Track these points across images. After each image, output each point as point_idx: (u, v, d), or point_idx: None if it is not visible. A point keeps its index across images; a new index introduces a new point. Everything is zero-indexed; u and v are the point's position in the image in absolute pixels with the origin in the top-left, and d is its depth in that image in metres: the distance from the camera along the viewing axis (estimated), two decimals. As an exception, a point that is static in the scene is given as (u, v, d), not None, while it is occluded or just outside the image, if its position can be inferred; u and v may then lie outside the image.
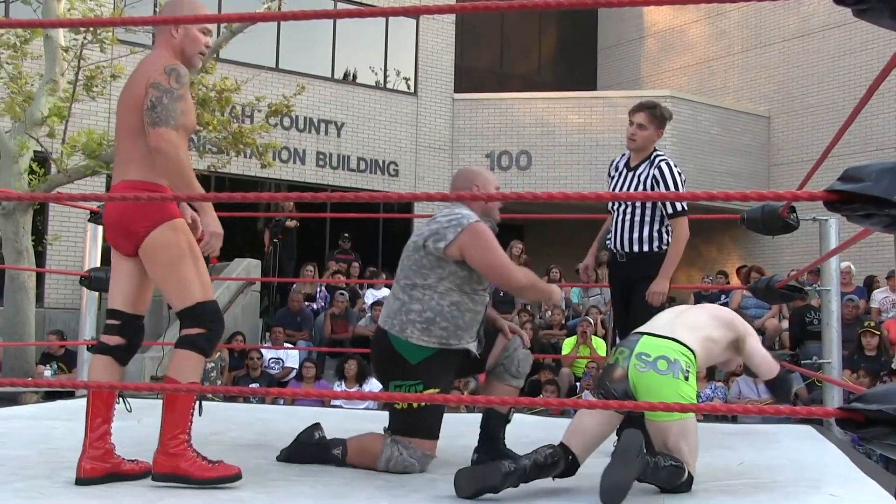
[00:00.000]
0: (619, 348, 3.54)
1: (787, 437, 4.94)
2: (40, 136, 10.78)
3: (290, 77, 16.38)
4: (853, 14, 2.25)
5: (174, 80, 3.38)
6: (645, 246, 4.74)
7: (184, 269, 3.40)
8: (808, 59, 18.96)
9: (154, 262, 3.42)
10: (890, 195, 2.24)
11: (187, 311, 3.40)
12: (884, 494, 3.39)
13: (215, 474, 3.31)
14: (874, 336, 9.48)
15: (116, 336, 3.55)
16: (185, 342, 3.38)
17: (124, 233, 3.43)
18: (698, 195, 2.67)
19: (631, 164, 4.88)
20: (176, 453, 3.30)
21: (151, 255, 3.40)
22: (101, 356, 3.58)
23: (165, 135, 3.30)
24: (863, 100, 3.39)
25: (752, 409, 2.86)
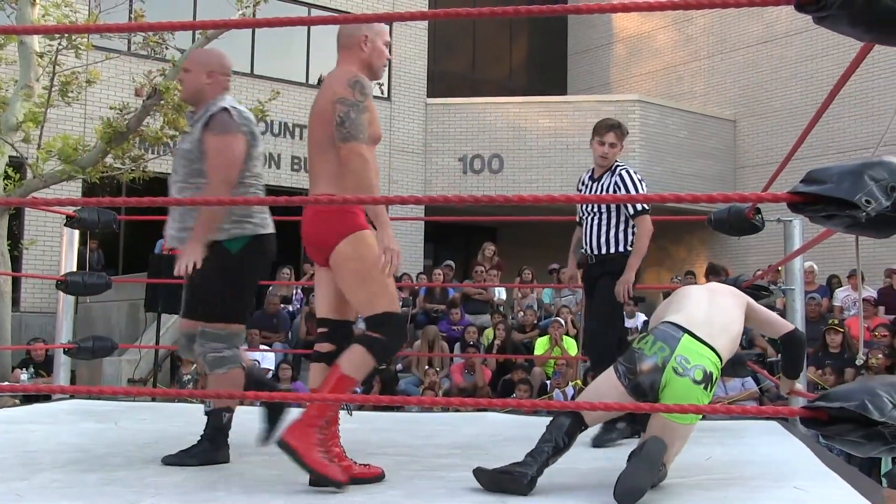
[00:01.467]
0: (657, 342, 3.43)
1: (754, 432, 4.97)
2: (15, 141, 10.68)
3: (265, 82, 16.33)
4: (814, 21, 2.27)
5: (358, 92, 3.44)
6: (612, 248, 4.93)
7: (371, 280, 3.43)
8: (772, 64, 19.11)
9: (343, 272, 3.47)
10: (851, 197, 2.27)
11: (374, 318, 3.44)
12: (845, 486, 3.42)
13: (323, 470, 3.27)
14: (838, 334, 9.56)
15: (327, 343, 3.61)
16: (364, 340, 3.42)
17: (316, 244, 3.52)
18: (666, 197, 2.70)
19: (595, 176, 5.13)
20: (305, 427, 3.31)
21: (341, 265, 3.46)
22: (317, 363, 3.64)
23: (356, 149, 3.39)
24: (825, 104, 3.43)
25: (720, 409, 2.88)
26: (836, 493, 3.36)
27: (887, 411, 2.25)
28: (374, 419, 5.84)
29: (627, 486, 3.11)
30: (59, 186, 12.08)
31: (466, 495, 3.25)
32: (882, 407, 2.25)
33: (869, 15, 2.16)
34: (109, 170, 11.61)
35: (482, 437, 4.76)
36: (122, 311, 13.10)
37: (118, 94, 13.83)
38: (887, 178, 2.28)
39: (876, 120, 16.67)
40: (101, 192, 13.85)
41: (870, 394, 2.27)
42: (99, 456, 3.96)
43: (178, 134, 11.59)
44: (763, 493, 3.31)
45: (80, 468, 3.65)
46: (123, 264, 15.54)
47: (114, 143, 11.10)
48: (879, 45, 2.37)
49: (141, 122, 11.35)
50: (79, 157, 10.92)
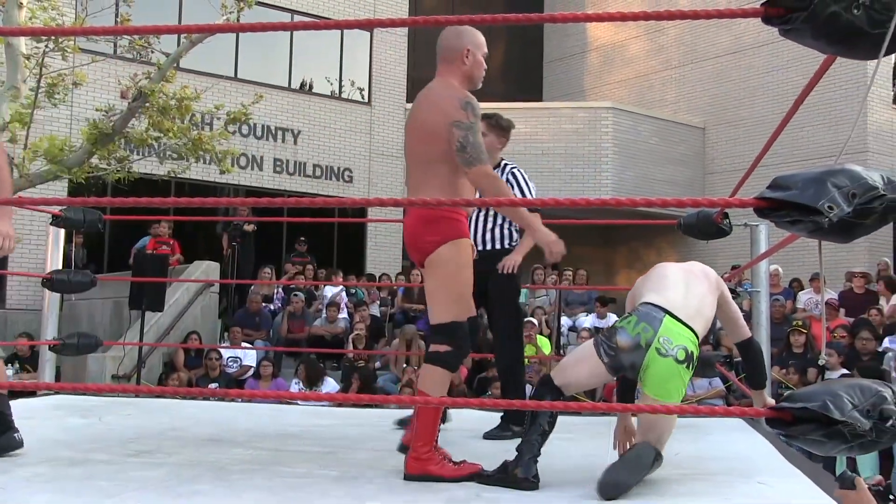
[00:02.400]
0: (641, 322, 3.43)
1: (720, 429, 5.01)
2: (2, 141, 10.60)
3: (249, 86, 16.28)
4: (780, 33, 2.29)
5: (472, 113, 3.48)
6: (497, 244, 4.94)
7: (454, 287, 3.51)
8: (740, 74, 19.23)
9: (434, 274, 3.52)
10: (814, 203, 2.29)
11: (442, 327, 3.49)
12: (807, 482, 3.46)
13: (460, 473, 3.41)
14: (801, 335, 9.63)
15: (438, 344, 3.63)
16: (434, 358, 3.48)
17: (416, 246, 3.56)
18: (637, 202, 2.71)
19: None
20: (426, 458, 3.40)
21: (434, 267, 3.50)
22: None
23: (483, 171, 3.43)
24: (790, 113, 3.45)
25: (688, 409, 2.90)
26: (798, 488, 3.39)
27: (847, 411, 2.27)
28: (353, 415, 5.84)
29: (610, 479, 3.14)
30: (45, 186, 12.01)
31: (441, 487, 3.26)
32: (842, 407, 2.27)
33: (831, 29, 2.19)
34: (95, 170, 11.55)
35: (457, 432, 4.76)
36: (107, 308, 13.03)
37: (104, 96, 13.74)
38: (849, 185, 2.30)
39: (838, 129, 16.81)
40: (86, 192, 13.77)
41: (831, 395, 2.30)
42: (83, 450, 3.94)
43: (163, 135, 11.55)
44: (728, 488, 3.33)
45: (64, 462, 3.63)
46: (108, 263, 15.45)
47: (99, 144, 11.06)
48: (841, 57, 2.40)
49: (126, 124, 11.31)
50: (65, 157, 10.87)
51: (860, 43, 2.23)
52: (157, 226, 13.02)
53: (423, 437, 3.43)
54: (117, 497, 2.99)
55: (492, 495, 3.17)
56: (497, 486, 3.32)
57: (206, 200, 3.53)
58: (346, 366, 10.83)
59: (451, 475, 3.40)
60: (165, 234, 13.12)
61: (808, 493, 3.29)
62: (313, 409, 6.82)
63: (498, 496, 3.15)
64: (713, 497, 3.19)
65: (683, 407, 2.94)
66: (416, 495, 3.14)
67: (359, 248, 18.19)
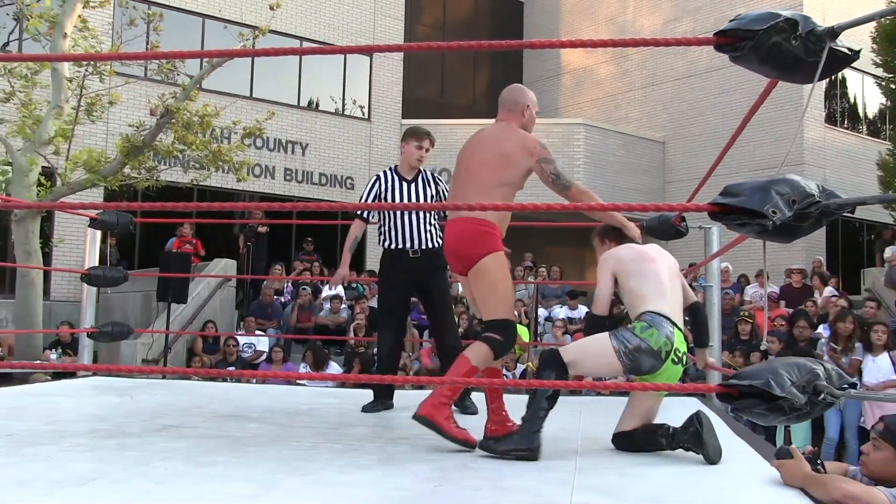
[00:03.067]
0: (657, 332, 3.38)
1: (676, 407, 5.01)
2: (47, 153, 10.59)
3: (262, 104, 16.24)
4: (730, 60, 2.31)
5: (549, 151, 3.71)
6: (435, 242, 4.90)
7: (502, 291, 3.62)
8: (695, 95, 19.28)
9: (481, 281, 3.62)
10: (760, 208, 2.31)
11: (498, 322, 3.59)
12: (750, 451, 3.48)
13: (458, 436, 3.44)
14: (747, 324, 9.66)
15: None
16: (487, 339, 3.55)
17: (459, 257, 3.67)
18: (606, 206, 2.73)
19: (406, 178, 5.00)
20: (439, 408, 3.45)
21: (483, 275, 3.61)
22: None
23: (577, 189, 3.65)
24: (738, 129, 3.47)
25: (649, 387, 2.92)
26: (745, 457, 3.41)
27: (786, 387, 2.29)
28: (356, 395, 5.84)
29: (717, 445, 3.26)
30: (84, 193, 11.95)
31: (432, 457, 3.27)
32: (782, 384, 2.29)
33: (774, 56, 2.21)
34: (127, 179, 11.53)
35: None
36: (137, 300, 12.99)
37: (135, 113, 13.70)
38: (790, 193, 2.31)
39: (779, 144, 16.88)
40: (120, 198, 13.72)
41: (773, 373, 2.32)
42: (117, 425, 3.94)
43: (187, 148, 11.53)
44: (683, 459, 3.35)
45: (101, 435, 3.63)
46: (139, 260, 15.41)
47: (131, 155, 11.04)
48: (782, 81, 2.41)
49: (155, 138, 11.28)
50: (101, 167, 10.85)
51: (798, 69, 2.25)
52: (182, 227, 12.99)
53: (450, 390, 3.50)
54: (147, 465, 2.99)
55: (477, 465, 3.17)
56: (498, 456, 3.28)
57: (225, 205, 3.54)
58: (349, 352, 10.82)
59: (450, 432, 3.42)
60: (189, 234, 13.09)
61: (752, 462, 3.31)
62: (319, 390, 6.82)
63: (483, 466, 3.16)
64: (671, 466, 3.21)
65: (645, 385, 2.95)
66: (410, 465, 3.15)
67: (359, 247, 18.15)
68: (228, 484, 2.72)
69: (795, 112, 16.59)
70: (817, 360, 2.44)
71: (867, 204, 2.51)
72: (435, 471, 3.05)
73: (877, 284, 12.84)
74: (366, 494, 2.64)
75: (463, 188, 3.73)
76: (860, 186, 17.56)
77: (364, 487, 2.74)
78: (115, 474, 2.84)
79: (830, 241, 17.89)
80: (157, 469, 2.93)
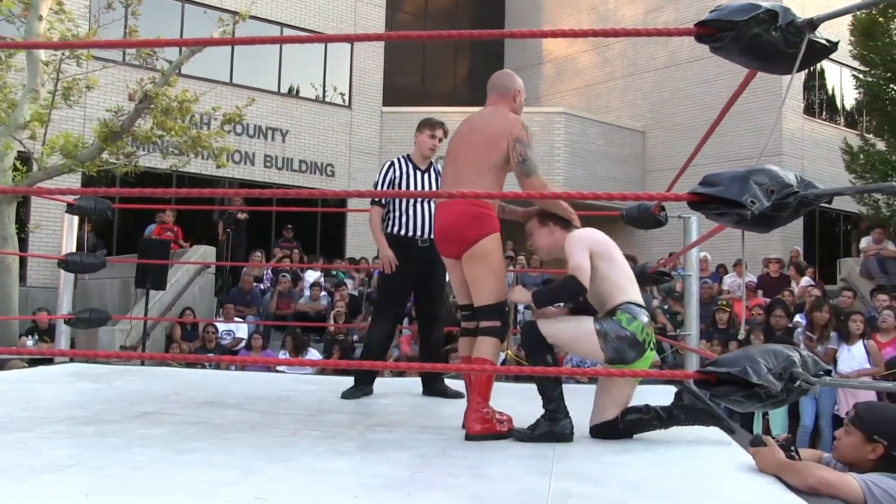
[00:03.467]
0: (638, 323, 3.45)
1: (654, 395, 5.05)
2: (23, 138, 10.47)
3: (242, 90, 16.13)
4: (710, 50, 2.32)
5: (529, 135, 3.66)
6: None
7: (500, 273, 3.63)
8: (675, 85, 19.34)
9: (479, 263, 3.60)
10: (739, 198, 2.32)
11: (493, 307, 3.59)
12: (727, 439, 3.51)
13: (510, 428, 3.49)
14: (725, 312, 9.73)
15: (472, 322, 3.73)
16: (489, 331, 3.58)
17: (457, 239, 3.62)
18: (586, 195, 2.74)
19: (420, 167, 5.01)
20: (489, 418, 3.47)
21: (480, 257, 3.59)
22: (465, 337, 3.80)
23: (537, 181, 3.55)
24: (717, 119, 3.49)
25: (628, 374, 2.94)
26: (720, 443, 3.44)
27: (763, 375, 2.31)
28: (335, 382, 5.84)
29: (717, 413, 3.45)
30: (60, 178, 11.85)
31: (411, 445, 3.28)
32: (759, 371, 2.31)
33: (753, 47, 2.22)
34: (105, 164, 11.44)
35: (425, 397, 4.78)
36: (115, 287, 12.90)
37: (113, 98, 13.56)
38: (768, 183, 2.33)
39: (759, 134, 16.98)
40: (97, 184, 13.61)
41: (750, 360, 2.34)
42: (95, 411, 3.92)
43: (165, 134, 11.45)
44: (663, 445, 3.38)
45: (79, 421, 3.61)
46: (117, 246, 15.30)
47: (109, 141, 10.94)
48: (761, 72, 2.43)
49: (133, 123, 11.19)
50: (79, 152, 10.74)
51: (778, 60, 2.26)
52: (163, 214, 12.92)
53: (483, 397, 3.50)
54: (126, 451, 2.98)
55: (457, 452, 3.18)
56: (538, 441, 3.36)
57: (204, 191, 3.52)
58: (328, 339, 10.81)
59: (505, 433, 3.48)
60: (170, 221, 13.02)
61: (728, 448, 3.34)
62: (298, 377, 6.81)
63: (462, 454, 3.16)
64: (650, 453, 3.23)
65: (624, 371, 2.97)
66: (389, 452, 3.16)
67: (339, 234, 18.13)
68: (207, 471, 2.71)
69: (774, 103, 16.68)
70: (793, 348, 2.46)
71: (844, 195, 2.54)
72: (414, 458, 3.05)
73: (852, 274, 12.96)
74: (345, 481, 2.64)
75: (454, 174, 3.71)
76: (838, 177, 17.69)
77: (343, 474, 2.74)
78: (93, 461, 2.82)
79: (808, 231, 18.04)
80: (135, 456, 2.92)
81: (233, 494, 2.43)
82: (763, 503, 2.51)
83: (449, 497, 2.49)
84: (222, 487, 2.50)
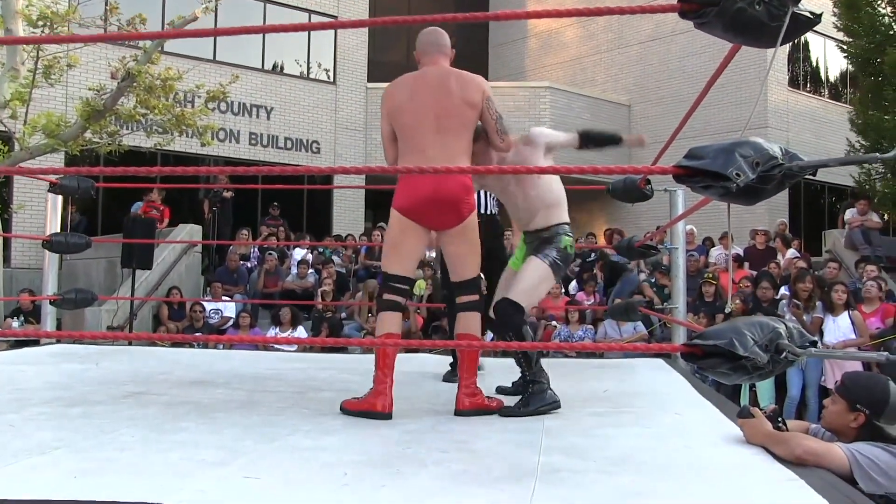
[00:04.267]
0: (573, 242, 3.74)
1: (643, 368, 5.08)
2: (3, 117, 10.36)
3: (226, 67, 15.99)
4: (694, 26, 2.31)
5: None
6: (493, 208, 4.79)
7: (478, 247, 3.64)
8: (660, 58, 19.31)
9: (467, 238, 3.59)
10: (724, 170, 2.32)
11: (474, 280, 3.62)
12: (714, 411, 3.54)
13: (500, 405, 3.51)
14: (712, 285, 9.76)
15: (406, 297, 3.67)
16: (472, 306, 3.60)
17: (457, 209, 3.52)
18: (571, 169, 2.75)
19: None
20: (478, 393, 3.50)
21: (468, 232, 3.58)
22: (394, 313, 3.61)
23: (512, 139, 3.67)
24: (702, 92, 3.48)
25: (615, 347, 2.94)
26: (707, 416, 3.47)
27: (749, 347, 2.32)
28: (322, 359, 5.84)
29: None
30: (43, 158, 11.73)
31: (400, 421, 3.28)
32: (745, 343, 2.32)
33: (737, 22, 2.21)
34: (88, 143, 11.34)
35: (413, 374, 4.79)
36: (101, 267, 12.84)
37: (96, 76, 13.42)
38: (753, 155, 2.32)
39: (743, 107, 16.99)
40: (81, 164, 13.50)
41: (736, 333, 2.34)
42: (81, 392, 3.90)
43: (149, 112, 11.35)
44: (649, 419, 3.40)
45: (65, 403, 3.59)
46: (102, 226, 15.21)
47: (92, 119, 10.85)
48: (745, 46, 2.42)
49: (116, 102, 11.09)
50: (61, 132, 10.65)
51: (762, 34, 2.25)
52: (151, 193, 12.84)
53: (471, 373, 3.51)
54: (113, 433, 2.96)
55: (445, 428, 3.19)
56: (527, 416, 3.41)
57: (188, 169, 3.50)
58: (316, 316, 10.80)
59: (496, 407, 3.50)
60: (157, 200, 12.95)
61: (715, 420, 3.36)
62: (286, 355, 6.81)
63: (451, 429, 3.17)
64: (637, 427, 3.25)
65: (611, 345, 2.99)
66: (378, 429, 3.16)
67: (326, 211, 18.08)
68: (195, 451, 2.71)
69: (759, 75, 16.68)
70: (779, 319, 2.47)
71: (829, 167, 2.53)
72: (403, 434, 3.06)
73: (837, 245, 13.03)
74: (334, 459, 2.64)
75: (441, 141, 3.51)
76: (823, 149, 17.75)
77: (332, 452, 2.74)
78: (80, 442, 2.81)
79: (793, 203, 18.10)
80: (122, 436, 2.91)
81: (221, 474, 2.43)
82: (749, 474, 2.53)
83: (438, 473, 2.49)
84: (210, 467, 2.50)
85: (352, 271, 12.64)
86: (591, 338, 9.36)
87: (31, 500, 2.15)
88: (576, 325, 9.51)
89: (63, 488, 2.24)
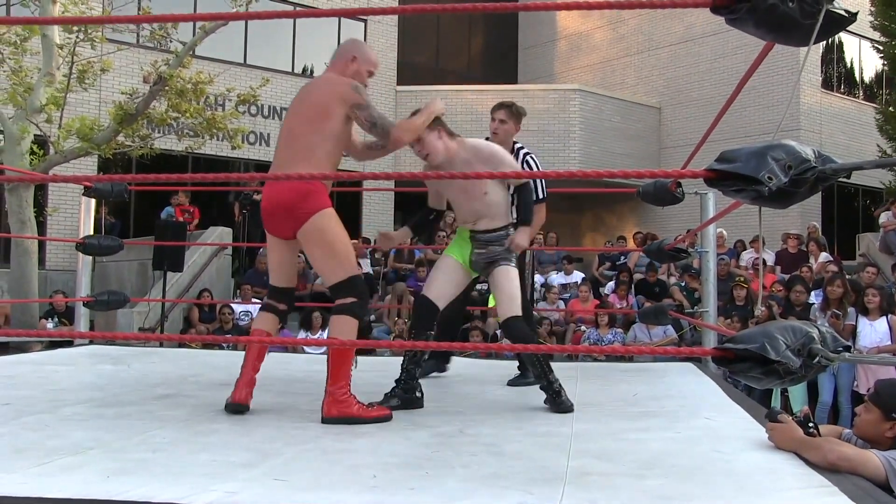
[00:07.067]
0: None
1: (673, 372, 5.05)
2: (39, 121, 10.52)
3: (256, 71, 16.13)
4: (726, 22, 2.29)
5: (364, 96, 3.53)
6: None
7: (340, 249, 3.44)
8: (691, 60, 19.17)
9: (317, 241, 3.44)
10: (756, 174, 2.29)
11: (342, 284, 3.43)
12: (745, 415, 3.50)
13: (376, 414, 3.38)
14: (743, 289, 9.67)
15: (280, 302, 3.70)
16: (342, 309, 3.44)
17: (292, 216, 3.41)
18: (601, 173, 2.72)
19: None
20: (346, 401, 3.35)
21: (317, 235, 3.42)
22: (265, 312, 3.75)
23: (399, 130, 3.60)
24: (733, 94, 3.45)
25: (646, 350, 2.92)
26: (737, 420, 3.43)
27: (781, 351, 2.29)
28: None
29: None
30: (77, 161, 11.91)
31: (429, 424, 3.28)
32: (777, 347, 2.30)
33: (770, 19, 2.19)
34: (121, 146, 11.48)
35: (441, 377, 4.79)
36: (133, 269, 12.98)
37: (128, 80, 13.59)
38: (785, 158, 2.30)
39: (775, 109, 16.83)
40: (114, 167, 13.68)
41: (768, 337, 2.32)
42: (114, 393, 3.95)
43: (180, 115, 11.46)
44: (680, 423, 3.37)
45: (98, 403, 3.64)
46: (134, 228, 15.38)
47: (125, 123, 10.98)
48: (779, 44, 2.39)
49: (148, 106, 11.21)
50: (94, 135, 10.78)
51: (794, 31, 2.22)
52: (178, 196, 12.97)
53: (341, 379, 3.37)
54: (145, 433, 3.00)
55: (474, 431, 3.19)
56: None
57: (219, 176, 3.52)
58: (345, 318, 10.82)
59: (367, 416, 3.35)
60: (186, 203, 13.08)
61: (746, 425, 3.33)
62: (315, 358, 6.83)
63: (480, 432, 3.17)
64: (666, 431, 3.23)
65: (641, 349, 2.96)
66: (407, 432, 3.17)
67: (355, 213, 18.14)
68: (226, 452, 2.73)
69: (791, 77, 16.52)
70: (812, 324, 2.44)
71: (863, 169, 2.50)
72: (432, 437, 3.06)
73: (871, 249, 12.86)
74: (363, 461, 2.65)
75: (285, 149, 3.50)
76: (856, 151, 17.53)
77: (361, 454, 2.75)
78: (113, 443, 2.85)
79: (826, 206, 17.89)
80: (154, 437, 2.94)
81: (251, 475, 2.45)
82: (780, 480, 2.50)
83: (466, 475, 2.49)
84: (241, 469, 2.52)
85: (381, 274, 12.68)
86: (621, 341, 9.31)
87: (65, 498, 2.18)
88: (605, 329, 9.47)
89: (96, 488, 2.26)
